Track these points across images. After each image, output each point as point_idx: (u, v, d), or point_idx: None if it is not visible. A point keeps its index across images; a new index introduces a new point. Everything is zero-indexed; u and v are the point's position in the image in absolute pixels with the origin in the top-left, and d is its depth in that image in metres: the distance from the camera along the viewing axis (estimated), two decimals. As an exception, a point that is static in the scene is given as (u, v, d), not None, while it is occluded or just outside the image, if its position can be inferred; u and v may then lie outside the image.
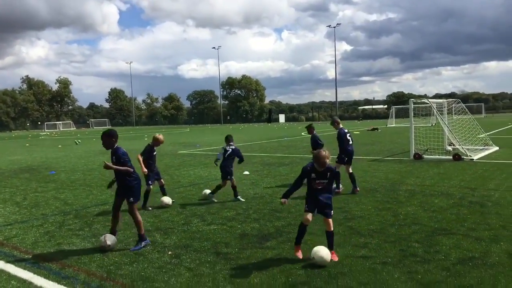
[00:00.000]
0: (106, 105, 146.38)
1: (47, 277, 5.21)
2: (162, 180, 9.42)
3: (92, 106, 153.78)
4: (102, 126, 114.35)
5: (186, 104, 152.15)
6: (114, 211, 6.45)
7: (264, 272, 5.07)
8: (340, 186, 9.72)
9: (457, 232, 6.33)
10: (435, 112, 15.92)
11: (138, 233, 6.30)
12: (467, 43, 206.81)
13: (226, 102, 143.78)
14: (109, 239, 6.16)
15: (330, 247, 5.43)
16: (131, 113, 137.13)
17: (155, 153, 9.11)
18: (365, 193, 9.60)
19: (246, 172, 13.31)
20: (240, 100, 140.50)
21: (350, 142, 9.85)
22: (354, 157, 10.13)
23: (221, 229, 7.10)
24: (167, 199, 9.01)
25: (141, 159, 8.73)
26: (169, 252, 5.96)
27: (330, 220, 5.52)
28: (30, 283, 5.03)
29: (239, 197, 9.31)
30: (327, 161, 5.37)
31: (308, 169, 5.51)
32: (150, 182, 8.85)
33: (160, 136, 9.01)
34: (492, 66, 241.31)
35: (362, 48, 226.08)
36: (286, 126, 70.64)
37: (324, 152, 5.37)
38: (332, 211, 5.57)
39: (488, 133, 21.26)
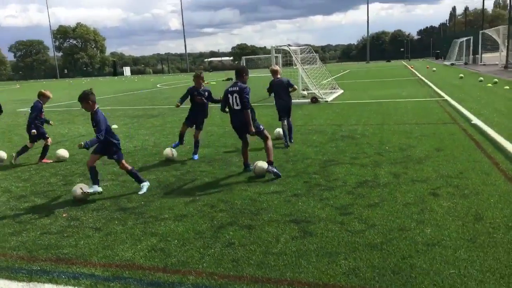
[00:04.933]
0: None
1: None
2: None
3: None
4: None
5: (9, 57, 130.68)
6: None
7: (184, 219, 4.81)
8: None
9: (344, 162, 6.99)
10: (294, 59, 16.91)
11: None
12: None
13: (60, 54, 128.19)
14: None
15: None
16: None
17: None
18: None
19: (114, 126, 12.23)
20: (77, 51, 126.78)
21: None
22: None
23: (114, 184, 6.44)
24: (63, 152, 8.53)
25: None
26: (64, 214, 5.17)
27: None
28: None
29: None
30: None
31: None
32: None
33: (48, 92, 8.28)
34: (319, 20, 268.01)
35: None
36: (136, 79, 66.93)
37: None
38: None
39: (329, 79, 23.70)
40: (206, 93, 7.71)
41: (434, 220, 4.37)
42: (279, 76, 8.82)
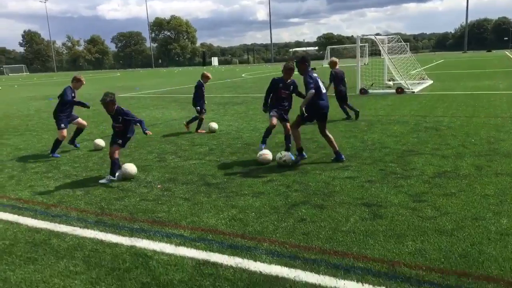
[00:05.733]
0: (20, 49, 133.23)
1: (34, 217, 4.95)
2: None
3: (3, 51, 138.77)
4: (19, 73, 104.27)
5: (111, 47, 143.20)
6: None
7: (261, 196, 5.23)
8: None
9: (424, 152, 6.89)
10: (380, 48, 16.50)
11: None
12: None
13: (155, 45, 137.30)
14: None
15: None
16: (51, 58, 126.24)
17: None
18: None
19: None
20: (171, 42, 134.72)
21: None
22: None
23: (201, 163, 7.08)
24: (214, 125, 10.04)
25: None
26: (158, 186, 5.89)
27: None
28: (19, 224, 4.76)
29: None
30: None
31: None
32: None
33: (209, 74, 9.93)
34: (412, 7, 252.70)
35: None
36: (223, 69, 69.53)
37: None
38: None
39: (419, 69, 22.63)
40: (292, 86, 7.23)
41: (512, 212, 4.27)
42: (337, 67, 10.61)
